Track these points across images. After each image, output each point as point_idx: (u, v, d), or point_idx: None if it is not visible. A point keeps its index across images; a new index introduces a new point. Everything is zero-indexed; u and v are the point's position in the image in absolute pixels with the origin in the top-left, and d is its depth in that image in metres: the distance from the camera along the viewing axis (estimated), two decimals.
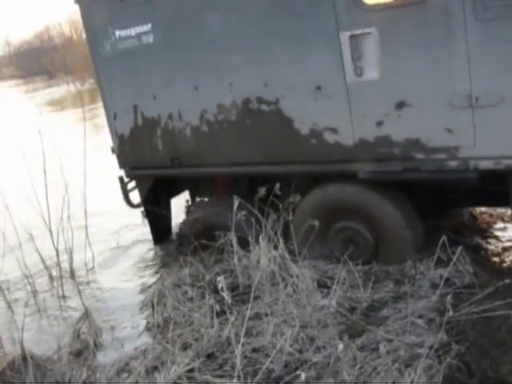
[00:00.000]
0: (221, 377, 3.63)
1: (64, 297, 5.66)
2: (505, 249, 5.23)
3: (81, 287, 5.75)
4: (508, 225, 5.66)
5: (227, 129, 5.11)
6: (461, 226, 5.50)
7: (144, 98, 5.49)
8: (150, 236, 6.38)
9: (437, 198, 5.02)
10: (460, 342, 3.59)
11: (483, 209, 5.93)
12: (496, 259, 5.07)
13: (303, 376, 3.22)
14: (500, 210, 5.85)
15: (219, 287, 3.18)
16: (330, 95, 4.55)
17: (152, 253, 6.45)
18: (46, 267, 6.08)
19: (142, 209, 6.19)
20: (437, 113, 4.19)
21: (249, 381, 3.44)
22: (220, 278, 3.22)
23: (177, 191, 6.43)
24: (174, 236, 6.45)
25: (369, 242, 4.84)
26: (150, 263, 6.22)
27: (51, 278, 6.07)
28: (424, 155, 4.34)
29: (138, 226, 6.55)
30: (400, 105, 4.29)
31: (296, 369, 3.57)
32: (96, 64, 5.76)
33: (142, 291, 5.52)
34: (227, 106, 5.04)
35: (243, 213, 4.25)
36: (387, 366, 3.40)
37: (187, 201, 6.48)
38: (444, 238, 4.09)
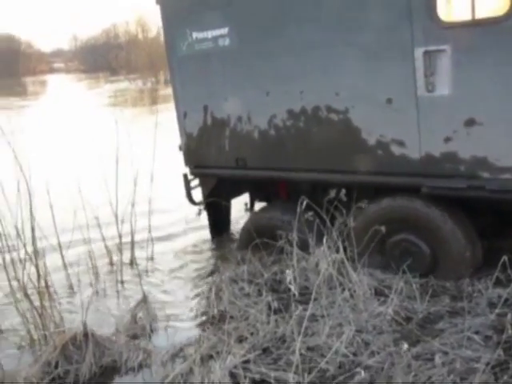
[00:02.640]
0: (275, 371, 3.71)
1: (123, 282, 5.84)
2: None
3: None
4: None
5: (295, 135, 5.22)
6: None
7: (215, 99, 5.65)
8: (208, 234, 6.61)
9: (498, 218, 5.00)
10: None
11: None
12: None
13: (362, 374, 3.27)
14: None
15: (287, 280, 3.27)
16: (399, 108, 4.61)
17: (211, 248, 6.60)
18: (108, 251, 6.29)
19: (201, 206, 6.36)
20: (506, 133, 4.22)
21: (304, 377, 3.49)
22: (288, 272, 3.31)
23: (238, 192, 6.57)
24: (232, 235, 6.60)
25: (426, 255, 4.85)
26: (209, 258, 6.36)
27: (112, 263, 6.29)
28: (489, 174, 4.36)
29: (199, 222, 6.70)
30: (469, 122, 4.32)
31: (350, 370, 3.64)
32: (171, 63, 5.95)
33: (199, 283, 5.64)
34: (296, 112, 5.15)
35: (311, 213, 4.35)
36: (442, 376, 3.42)
37: (246, 203, 6.61)
38: (504, 258, 4.10)
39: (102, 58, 54.22)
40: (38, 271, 4.85)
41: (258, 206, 6.58)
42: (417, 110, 4.53)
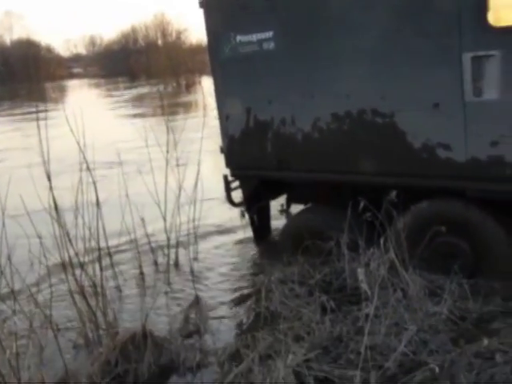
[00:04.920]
0: (338, 369, 3.78)
1: (170, 283, 5.95)
2: None
3: (185, 276, 6.05)
4: None
5: (339, 137, 5.28)
6: None
7: (258, 102, 5.71)
8: (251, 235, 6.69)
9: None
10: None
11: None
12: None
13: (436, 369, 3.33)
14: None
15: (359, 278, 3.33)
16: (446, 113, 4.66)
17: (254, 249, 6.69)
18: (154, 253, 6.46)
19: (243, 208, 6.44)
20: None
21: (372, 375, 3.56)
22: (360, 270, 3.37)
23: (277, 194, 6.62)
24: (274, 236, 6.68)
25: (470, 258, 4.90)
26: (253, 258, 6.46)
27: (157, 264, 6.44)
28: None
29: (240, 223, 6.79)
30: None
31: (411, 369, 3.70)
32: (214, 66, 6.02)
33: (247, 284, 5.73)
34: (341, 115, 5.22)
35: (369, 214, 4.42)
36: (505, 375, 3.47)
37: (282, 205, 6.67)
38: None
39: (121, 63, 54.46)
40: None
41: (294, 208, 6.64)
42: (464, 114, 4.59)
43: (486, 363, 3.63)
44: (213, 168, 7.22)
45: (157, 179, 6.42)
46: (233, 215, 6.90)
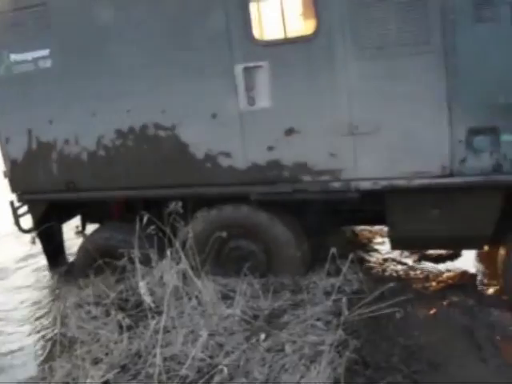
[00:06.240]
0: None
1: None
2: (385, 260, 5.77)
3: None
4: (386, 239, 6.19)
5: (124, 153, 5.27)
6: (344, 242, 5.96)
7: (39, 123, 5.51)
8: (44, 261, 6.38)
9: (322, 219, 5.42)
10: (356, 338, 3.98)
11: (363, 226, 6.48)
12: (378, 269, 5.56)
13: (225, 370, 3.42)
14: (378, 228, 6.41)
15: (142, 292, 3.32)
16: (224, 122, 4.88)
17: (48, 277, 6.40)
18: None
19: (33, 234, 6.13)
20: (322, 139, 4.63)
21: None
22: (141, 284, 3.36)
23: (69, 216, 6.40)
24: (68, 261, 6.44)
25: (261, 259, 5.16)
26: (48, 286, 6.17)
27: None
28: (311, 177, 4.75)
29: (34, 252, 6.47)
30: (289, 131, 4.69)
31: (208, 373, 3.78)
32: None
33: (41, 314, 5.47)
34: (125, 131, 5.21)
35: (152, 227, 4.43)
36: (294, 363, 3.70)
37: (77, 226, 6.48)
38: (333, 251, 4.52)
39: None
40: None
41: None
42: (240, 122, 4.82)
43: (277, 355, 3.85)
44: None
45: None
46: (23, 243, 6.53)
